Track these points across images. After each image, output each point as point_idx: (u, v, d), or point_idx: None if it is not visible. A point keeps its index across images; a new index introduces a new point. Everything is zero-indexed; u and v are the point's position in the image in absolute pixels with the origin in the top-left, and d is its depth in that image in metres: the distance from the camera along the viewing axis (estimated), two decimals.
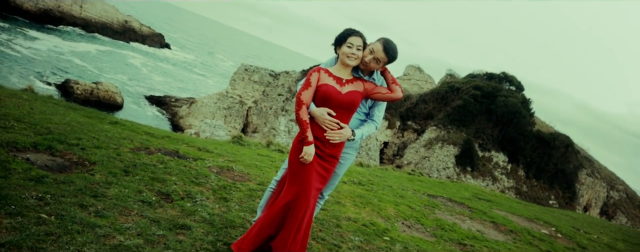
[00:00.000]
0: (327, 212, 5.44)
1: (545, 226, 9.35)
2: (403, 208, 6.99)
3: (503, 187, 32.44)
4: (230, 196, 4.85)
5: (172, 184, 4.62)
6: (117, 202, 3.81)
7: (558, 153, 35.42)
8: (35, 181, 3.81)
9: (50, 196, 3.58)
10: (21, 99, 7.04)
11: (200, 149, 6.96)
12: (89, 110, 8.16)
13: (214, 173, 5.57)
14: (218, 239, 3.68)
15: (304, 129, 3.24)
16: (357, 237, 4.86)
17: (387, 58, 3.37)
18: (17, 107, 6.23)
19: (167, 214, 3.88)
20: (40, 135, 5.05)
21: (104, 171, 4.45)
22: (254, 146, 9.41)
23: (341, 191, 6.83)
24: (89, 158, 4.68)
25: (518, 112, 34.27)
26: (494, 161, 33.64)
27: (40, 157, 4.42)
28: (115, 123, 7.33)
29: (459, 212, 8.17)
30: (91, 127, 6.15)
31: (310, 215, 3.42)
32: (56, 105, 7.63)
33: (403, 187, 9.28)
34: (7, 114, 5.60)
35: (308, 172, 3.29)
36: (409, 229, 6.05)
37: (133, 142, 5.89)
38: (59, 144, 4.87)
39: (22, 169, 3.96)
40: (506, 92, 36.49)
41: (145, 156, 5.36)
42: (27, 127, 5.28)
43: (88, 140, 5.33)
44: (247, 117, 33.70)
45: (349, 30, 3.36)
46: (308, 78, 3.31)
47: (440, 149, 32.26)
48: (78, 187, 3.88)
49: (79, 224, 3.27)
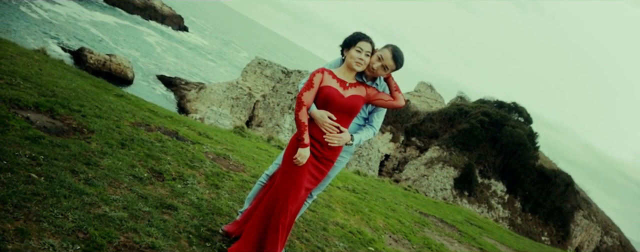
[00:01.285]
0: (316, 214, 5.40)
1: None
2: (393, 221, 6.94)
3: (497, 216, 32.25)
4: (222, 183, 4.82)
5: (166, 164, 4.59)
6: (109, 173, 3.78)
7: (557, 190, 35.18)
8: (31, 140, 3.79)
9: (44, 157, 3.56)
10: (32, 59, 7.05)
11: (201, 133, 6.93)
12: (97, 80, 8.16)
13: (209, 159, 5.54)
14: (203, 224, 3.65)
15: (302, 131, 3.20)
16: (341, 243, 4.81)
17: (395, 66, 3.34)
18: (26, 67, 6.23)
19: (156, 192, 3.85)
20: (44, 96, 5.05)
21: (100, 140, 4.43)
22: (255, 139, 9.38)
23: (334, 196, 6.78)
24: (88, 126, 4.66)
25: (523, 144, 34.09)
26: (492, 189, 33.47)
27: (40, 118, 4.41)
28: (120, 96, 7.33)
29: (448, 234, 8.10)
30: (96, 97, 6.14)
31: (294, 214, 3.39)
32: (66, 71, 7.63)
33: (396, 201, 9.22)
34: (15, 72, 5.60)
35: (300, 172, 3.25)
36: (395, 242, 6.00)
37: (135, 117, 5.88)
38: (61, 107, 4.85)
39: (20, 127, 3.95)
40: (514, 123, 36.31)
41: (144, 132, 5.34)
42: (32, 87, 5.27)
43: (90, 108, 5.31)
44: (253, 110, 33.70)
45: (360, 35, 3.30)
46: (311, 79, 3.25)
47: (440, 169, 32.13)
48: (72, 153, 3.86)
49: (67, 188, 3.25)
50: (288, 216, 3.27)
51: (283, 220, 3.25)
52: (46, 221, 2.79)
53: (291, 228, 3.49)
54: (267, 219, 3.29)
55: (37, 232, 2.65)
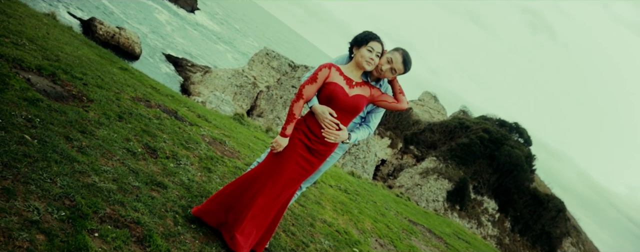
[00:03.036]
0: (304, 209, 5.36)
1: None
2: (381, 226, 6.91)
3: (486, 233, 32.25)
4: (214, 167, 4.78)
5: (161, 141, 4.55)
6: (103, 144, 3.74)
7: (549, 215, 35.17)
8: (29, 101, 3.75)
9: (40, 120, 3.52)
10: (41, 22, 7.00)
11: (200, 116, 6.89)
12: (103, 51, 8.10)
13: (205, 142, 5.50)
14: (190, 205, 3.61)
15: (288, 121, 3.18)
16: (327, 241, 4.78)
17: (404, 70, 3.31)
18: (34, 29, 6.19)
19: (147, 168, 3.81)
20: (47, 60, 5.00)
21: (99, 110, 4.39)
22: (253, 128, 9.34)
23: (325, 193, 6.75)
24: (88, 95, 4.62)
25: (520, 165, 34.07)
26: (484, 206, 33.46)
27: (41, 81, 4.37)
28: (124, 69, 7.28)
29: (434, 244, 8.07)
30: (100, 67, 6.09)
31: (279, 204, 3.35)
32: (73, 38, 7.58)
33: (387, 207, 9.19)
34: (22, 32, 5.56)
35: (286, 161, 3.22)
36: (380, 247, 5.96)
37: (136, 92, 5.83)
38: (63, 73, 4.81)
39: (20, 88, 3.91)
40: (513, 143, 36.29)
41: (143, 108, 5.30)
42: (37, 49, 5.23)
43: (93, 77, 5.27)
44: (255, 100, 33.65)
45: (372, 34, 3.25)
46: (316, 73, 3.20)
47: (434, 180, 32.11)
48: (69, 119, 3.82)
49: (59, 154, 3.21)
50: (263, 199, 3.23)
51: (260, 201, 3.21)
52: (34, 183, 2.75)
53: (278, 222, 3.45)
54: (239, 195, 3.27)
55: (23, 194, 2.62)
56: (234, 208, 3.27)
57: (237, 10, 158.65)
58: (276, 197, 3.28)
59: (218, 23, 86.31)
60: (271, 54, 34.70)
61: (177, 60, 39.39)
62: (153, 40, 41.30)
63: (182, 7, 67.79)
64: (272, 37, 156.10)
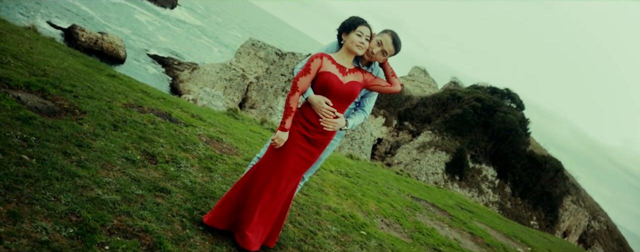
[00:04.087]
0: (308, 198, 5.41)
1: (522, 245, 9.38)
2: (385, 206, 6.98)
3: (488, 200, 32.59)
4: (215, 166, 4.81)
5: (159, 146, 4.56)
6: (101, 155, 3.75)
7: (547, 176, 35.55)
8: (22, 120, 3.74)
9: (35, 139, 3.52)
10: (22, 37, 6.93)
11: (194, 115, 6.89)
12: (89, 59, 8.05)
13: (202, 142, 5.52)
14: (196, 207, 3.64)
15: (286, 115, 3.20)
16: (334, 227, 4.83)
17: (395, 51, 3.35)
18: (16, 44, 6.13)
19: (149, 175, 3.83)
20: (35, 76, 4.97)
21: (93, 121, 4.38)
22: (248, 122, 9.35)
23: (326, 180, 6.80)
24: (80, 107, 4.61)
25: (514, 130, 34.31)
26: (483, 174, 33.75)
27: (31, 98, 4.35)
28: (113, 76, 7.24)
29: (439, 218, 8.17)
30: (88, 77, 6.06)
31: (285, 197, 3.39)
32: (57, 49, 7.52)
33: (388, 186, 9.27)
34: (5, 50, 5.51)
35: (286, 154, 3.26)
36: (387, 227, 6.04)
37: (127, 98, 5.82)
38: (52, 87, 4.79)
39: (11, 107, 3.89)
40: (506, 109, 36.49)
41: (137, 114, 5.30)
42: (23, 65, 5.19)
43: (82, 88, 5.25)
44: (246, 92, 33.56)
45: (360, 19, 3.27)
46: (308, 64, 3.21)
47: (432, 153, 32.30)
48: (64, 134, 3.82)
49: (59, 171, 3.22)
50: (269, 194, 3.27)
51: (266, 197, 3.26)
52: (38, 203, 2.77)
53: (285, 215, 3.49)
54: (245, 194, 3.31)
55: (29, 215, 2.63)
56: (243, 207, 3.31)
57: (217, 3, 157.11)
58: (281, 191, 3.32)
59: (199, 17, 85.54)
60: (257, 44, 34.50)
61: (163, 59, 39.14)
62: (136, 41, 40.92)
63: (161, 5, 67.05)
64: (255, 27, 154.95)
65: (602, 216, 41.71)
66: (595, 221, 40.09)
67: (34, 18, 29.37)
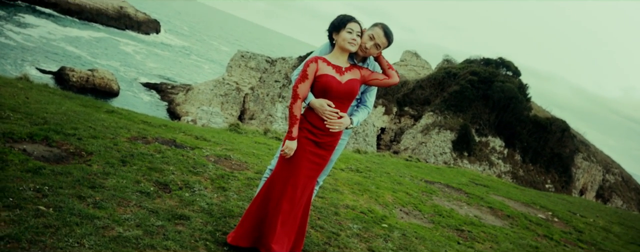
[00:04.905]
0: (325, 200, 5.45)
1: (542, 210, 9.41)
2: (401, 195, 7.02)
3: (500, 171, 32.60)
4: (228, 185, 4.85)
5: (169, 174, 4.61)
6: (115, 193, 3.80)
7: (554, 138, 35.53)
8: (32, 172, 3.79)
9: (48, 188, 3.57)
10: (16, 88, 6.99)
11: (198, 137, 6.94)
12: (85, 99, 8.11)
13: (211, 162, 5.56)
14: (217, 228, 3.68)
15: (291, 124, 3.23)
16: (355, 224, 4.88)
17: (388, 43, 3.37)
18: (12, 97, 6.19)
19: (165, 205, 3.88)
20: (36, 125, 5.03)
21: (101, 161, 4.43)
22: (251, 134, 9.39)
23: (339, 179, 6.84)
24: (86, 148, 4.66)
25: (515, 97, 34.29)
26: (491, 146, 33.75)
27: (37, 148, 4.40)
28: (111, 112, 7.29)
29: (456, 198, 8.20)
30: (88, 117, 6.11)
31: (303, 203, 3.43)
32: (52, 94, 7.58)
33: (400, 174, 9.30)
34: (2, 104, 5.56)
35: (297, 162, 3.29)
36: (407, 215, 6.07)
37: (130, 132, 5.87)
38: (55, 134, 4.84)
39: (19, 161, 3.94)
40: (503, 78, 36.47)
41: (142, 146, 5.35)
42: (23, 117, 5.24)
43: (85, 130, 5.30)
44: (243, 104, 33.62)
45: (348, 17, 3.31)
46: (304, 70, 3.25)
47: (437, 134, 32.32)
48: (76, 178, 3.86)
49: (78, 215, 3.26)
50: (287, 204, 3.31)
51: (285, 207, 3.29)
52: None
53: (306, 221, 3.53)
54: (264, 208, 3.34)
55: None
56: (264, 221, 3.35)
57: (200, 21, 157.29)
58: (299, 199, 3.36)
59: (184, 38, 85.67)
60: (246, 55, 34.55)
61: (156, 85, 39.23)
62: (127, 72, 41.04)
63: (145, 32, 67.15)
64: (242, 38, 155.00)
65: (616, 168, 41.66)
66: (610, 174, 40.05)
67: (23, 67, 29.48)
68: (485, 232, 6.22)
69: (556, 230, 7.75)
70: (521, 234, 6.79)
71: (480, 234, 6.10)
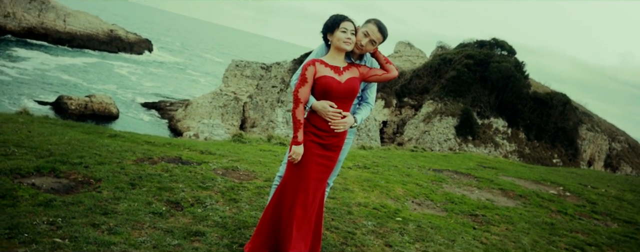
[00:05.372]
0: (336, 200, 5.47)
1: (553, 186, 9.41)
2: (411, 186, 7.03)
3: (506, 152, 32.56)
4: (239, 196, 4.88)
5: (180, 192, 4.64)
6: (128, 217, 3.82)
7: (556, 112, 35.47)
8: (44, 205, 3.82)
9: (61, 219, 3.59)
10: (18, 123, 7.02)
11: (203, 152, 6.96)
12: (86, 126, 8.14)
13: (219, 175, 5.59)
14: (233, 241, 3.71)
15: (296, 129, 3.25)
16: (369, 221, 4.89)
17: (383, 38, 3.40)
18: (15, 132, 6.22)
19: (179, 223, 3.90)
20: (42, 158, 5.06)
21: (110, 186, 4.46)
22: (255, 142, 9.42)
23: (348, 177, 6.86)
24: (94, 175, 4.69)
25: (512, 76, 34.24)
26: (494, 127, 33.72)
27: (46, 181, 4.43)
28: (114, 136, 7.33)
29: (466, 183, 8.21)
30: (91, 144, 6.14)
31: (316, 206, 3.45)
32: (53, 125, 7.61)
33: (408, 165, 9.31)
34: (6, 141, 5.59)
35: (306, 166, 3.31)
36: (419, 206, 6.09)
37: (135, 154, 5.90)
38: (62, 165, 4.87)
39: (29, 195, 3.97)
40: (499, 58, 36.42)
41: (149, 166, 5.37)
42: (27, 151, 5.27)
43: (90, 157, 5.33)
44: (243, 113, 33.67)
45: (340, 16, 3.34)
46: (303, 74, 3.27)
47: (439, 121, 32.30)
48: (87, 207, 3.89)
49: (94, 244, 3.29)
50: (301, 209, 3.33)
51: (298, 212, 3.31)
52: None
53: (321, 224, 3.55)
54: (278, 216, 3.37)
55: None
56: (279, 229, 3.37)
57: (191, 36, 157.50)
58: (311, 203, 3.38)
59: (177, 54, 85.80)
60: (240, 64, 34.60)
61: (155, 104, 39.32)
62: (124, 94, 41.13)
63: (138, 52, 67.29)
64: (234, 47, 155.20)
65: (621, 135, 41.55)
66: (616, 142, 39.96)
67: (21, 101, 29.58)
68: (499, 215, 6.24)
69: (569, 204, 7.76)
70: (535, 212, 6.80)
71: (494, 217, 6.11)
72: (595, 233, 6.16)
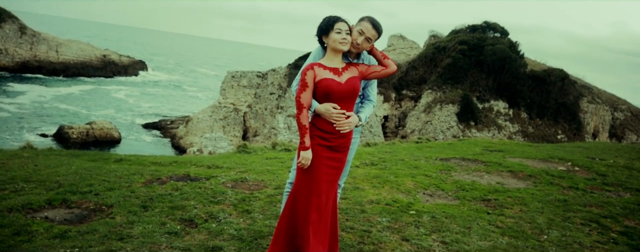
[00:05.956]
0: (348, 200, 5.49)
1: (561, 162, 9.41)
2: (420, 178, 7.04)
3: (509, 133, 32.53)
4: (251, 207, 4.89)
5: (192, 209, 4.66)
6: (145, 240, 3.84)
7: (555, 88, 35.43)
8: (59, 237, 3.84)
9: (79, 249, 3.62)
10: (23, 158, 7.06)
11: (210, 166, 6.99)
12: (91, 154, 8.18)
13: (229, 188, 5.61)
14: None
15: (302, 134, 3.27)
16: (384, 218, 4.91)
17: (378, 34, 3.42)
18: (21, 168, 6.25)
19: (195, 240, 3.92)
20: (51, 190, 5.08)
21: (123, 211, 4.48)
22: (260, 151, 9.44)
23: (357, 176, 6.87)
24: (105, 202, 4.72)
25: (508, 57, 34.22)
26: (495, 110, 33.69)
27: (58, 213, 4.46)
28: (120, 160, 7.36)
29: (474, 169, 8.22)
30: (99, 171, 6.17)
31: (330, 209, 3.46)
32: (58, 156, 7.64)
33: (415, 157, 9.32)
34: (14, 177, 5.62)
35: (315, 169, 3.32)
36: (431, 197, 6.10)
37: (143, 176, 5.92)
38: (72, 195, 4.89)
39: (44, 229, 3.99)
40: (492, 41, 36.40)
41: (159, 187, 5.40)
42: (37, 185, 5.30)
43: (99, 184, 5.36)
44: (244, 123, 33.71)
45: (334, 17, 3.35)
46: (303, 78, 3.29)
47: (439, 110, 32.29)
48: (103, 234, 3.91)
49: None
50: (315, 213, 3.34)
51: (313, 216, 3.32)
52: None
53: (336, 225, 3.56)
54: (293, 223, 3.38)
55: None
56: (296, 235, 3.38)
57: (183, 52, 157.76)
58: (325, 206, 3.39)
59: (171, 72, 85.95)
60: (236, 75, 34.66)
61: (156, 124, 39.38)
62: (124, 117, 41.22)
63: (132, 74, 67.48)
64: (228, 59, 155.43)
65: (622, 104, 41.47)
66: (618, 112, 39.89)
67: (23, 135, 29.67)
68: (511, 197, 6.24)
69: (580, 179, 7.76)
70: (547, 190, 6.80)
71: (507, 199, 6.12)
72: (609, 205, 6.16)
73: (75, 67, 57.59)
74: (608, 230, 5.18)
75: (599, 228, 5.22)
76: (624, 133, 38.62)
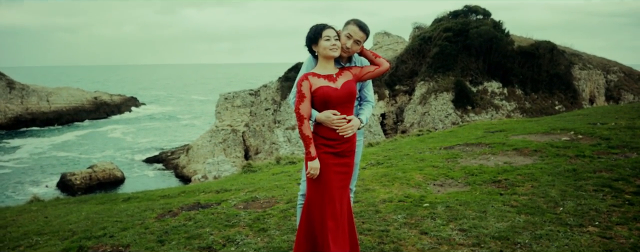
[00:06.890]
0: (361, 202, 5.49)
1: (564, 132, 9.43)
2: (428, 170, 7.05)
3: (507, 112, 32.60)
4: (266, 225, 4.89)
5: (208, 236, 4.66)
6: None
7: (545, 60, 35.58)
8: None
9: None
10: (32, 212, 7.06)
11: (218, 191, 6.99)
12: (98, 197, 8.18)
13: (241, 209, 5.61)
14: None
15: (307, 145, 3.28)
16: (399, 215, 4.91)
17: (366, 35, 3.45)
18: (32, 221, 6.25)
19: None
20: (66, 239, 5.08)
21: (141, 249, 4.48)
22: (266, 168, 9.45)
23: (365, 177, 6.88)
24: (121, 242, 4.71)
25: (494, 37, 34.39)
26: (490, 91, 33.78)
27: None
28: (128, 199, 7.36)
29: (479, 152, 8.23)
30: (109, 212, 6.17)
31: (345, 214, 3.46)
32: (66, 204, 7.65)
33: (419, 150, 9.33)
34: (26, 232, 5.62)
35: (325, 177, 3.33)
36: (442, 187, 6.11)
37: (154, 211, 5.92)
38: (87, 241, 4.89)
39: None
40: (476, 23, 36.58)
41: (171, 219, 5.40)
42: (50, 237, 5.30)
43: (112, 226, 5.36)
44: (244, 143, 33.72)
45: (321, 25, 3.38)
46: (299, 90, 3.31)
47: (435, 100, 32.36)
48: None
49: None
50: (332, 221, 3.34)
51: (331, 225, 3.32)
52: None
53: (354, 230, 3.56)
54: (311, 234, 3.38)
55: None
56: (316, 246, 3.39)
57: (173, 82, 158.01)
58: (340, 212, 3.40)
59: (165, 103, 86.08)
60: (229, 96, 34.72)
61: (157, 157, 39.35)
62: (124, 155, 41.19)
63: (125, 111, 67.58)
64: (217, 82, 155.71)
65: (614, 65, 41.63)
66: (611, 74, 40.04)
67: (27, 189, 29.62)
68: (521, 174, 6.25)
69: (585, 146, 7.77)
70: (554, 162, 6.81)
71: (517, 177, 6.13)
72: (618, 167, 6.17)
73: (68, 113, 57.67)
74: (621, 192, 5.20)
75: (612, 192, 5.23)
76: (620, 94, 38.72)
